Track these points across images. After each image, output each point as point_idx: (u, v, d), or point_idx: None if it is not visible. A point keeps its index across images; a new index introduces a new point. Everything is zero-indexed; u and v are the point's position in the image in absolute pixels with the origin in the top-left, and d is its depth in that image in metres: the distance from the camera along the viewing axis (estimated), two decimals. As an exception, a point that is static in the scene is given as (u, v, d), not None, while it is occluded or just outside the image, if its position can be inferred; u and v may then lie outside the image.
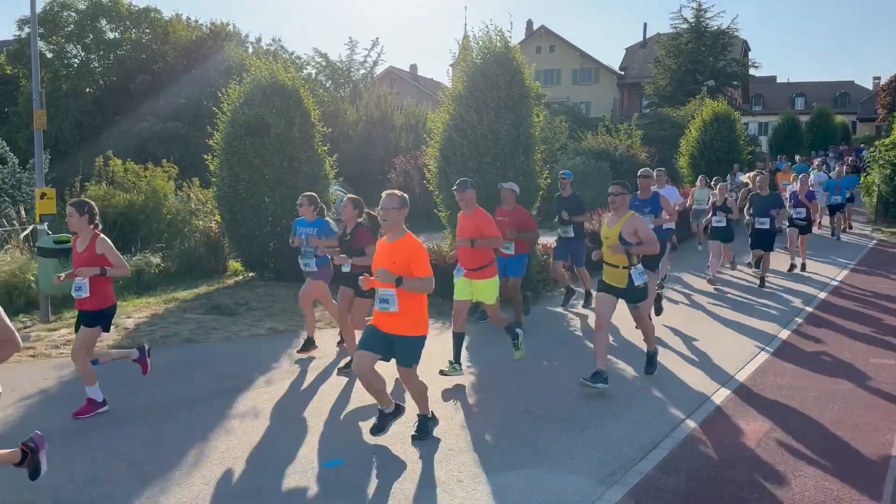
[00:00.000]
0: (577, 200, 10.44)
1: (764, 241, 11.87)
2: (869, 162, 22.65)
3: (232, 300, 10.59)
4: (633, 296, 6.70)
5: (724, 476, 4.98)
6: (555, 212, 10.61)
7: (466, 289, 7.26)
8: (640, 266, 6.66)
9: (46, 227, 9.76)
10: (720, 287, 11.98)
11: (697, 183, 16.65)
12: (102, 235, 5.96)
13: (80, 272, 5.82)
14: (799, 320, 9.72)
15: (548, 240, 11.91)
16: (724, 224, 12.10)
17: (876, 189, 21.49)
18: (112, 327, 6.29)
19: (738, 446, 5.48)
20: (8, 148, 18.28)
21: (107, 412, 5.98)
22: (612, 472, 4.99)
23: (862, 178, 22.98)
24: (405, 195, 5.43)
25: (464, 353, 8.09)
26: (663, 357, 7.95)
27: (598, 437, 5.62)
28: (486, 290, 7.21)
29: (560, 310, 10.52)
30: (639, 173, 9.55)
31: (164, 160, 16.30)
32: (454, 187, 7.40)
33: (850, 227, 19.98)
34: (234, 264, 13.60)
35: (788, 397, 6.63)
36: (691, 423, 5.95)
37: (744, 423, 5.98)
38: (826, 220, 18.89)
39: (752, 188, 11.67)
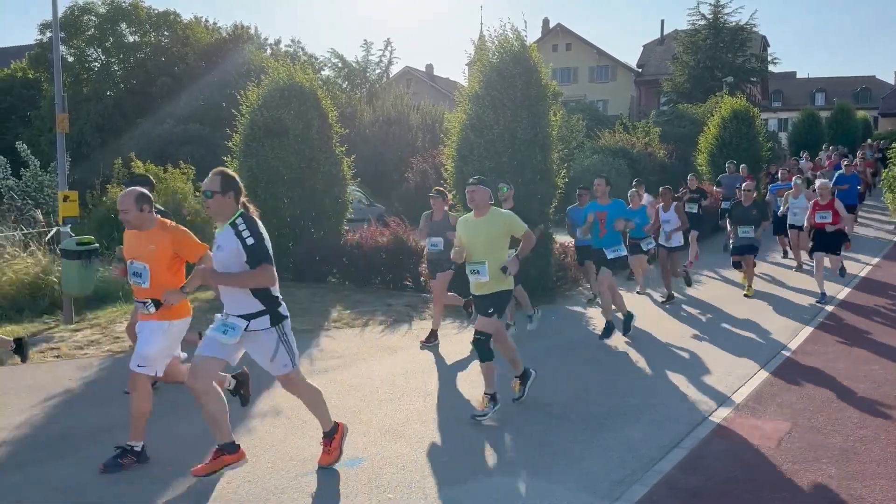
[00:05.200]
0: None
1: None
2: (890, 157, 22.24)
3: (252, 301, 10.64)
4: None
5: (745, 476, 4.95)
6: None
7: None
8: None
9: (69, 230, 9.89)
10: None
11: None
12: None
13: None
14: (820, 319, 9.64)
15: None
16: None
17: None
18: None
19: (760, 446, 5.44)
20: (30, 151, 18.54)
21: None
22: (631, 473, 4.98)
23: (885, 174, 22.54)
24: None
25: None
26: (683, 355, 7.92)
27: (617, 437, 5.61)
28: None
29: (579, 309, 10.51)
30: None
31: (182, 161, 16.45)
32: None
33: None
34: (254, 265, 13.65)
35: (810, 396, 6.58)
36: (711, 423, 5.92)
37: (765, 421, 5.94)
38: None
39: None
